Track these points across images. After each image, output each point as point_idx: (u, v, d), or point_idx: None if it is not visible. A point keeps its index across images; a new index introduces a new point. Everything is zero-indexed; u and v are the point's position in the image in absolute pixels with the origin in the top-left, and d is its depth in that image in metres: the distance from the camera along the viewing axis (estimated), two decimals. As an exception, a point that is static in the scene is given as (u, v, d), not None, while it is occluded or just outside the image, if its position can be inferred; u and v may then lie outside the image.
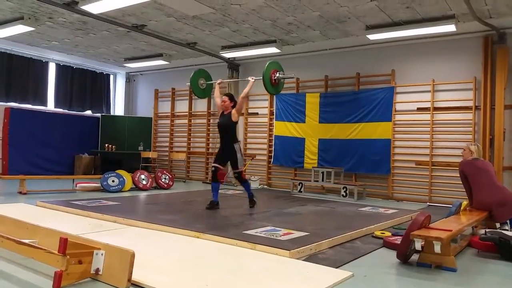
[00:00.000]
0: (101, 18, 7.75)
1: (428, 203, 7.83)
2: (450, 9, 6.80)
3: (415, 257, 3.46)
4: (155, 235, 4.06)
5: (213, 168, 5.91)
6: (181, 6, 7.07)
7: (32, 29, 8.33)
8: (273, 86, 5.90)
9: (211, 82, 6.81)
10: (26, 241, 2.93)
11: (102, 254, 2.71)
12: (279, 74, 5.94)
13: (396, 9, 6.92)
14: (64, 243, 2.56)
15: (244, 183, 6.08)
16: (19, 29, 8.27)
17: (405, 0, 6.53)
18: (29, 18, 7.95)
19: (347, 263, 3.39)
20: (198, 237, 3.98)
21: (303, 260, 3.40)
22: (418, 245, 3.22)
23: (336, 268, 3.19)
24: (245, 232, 4.15)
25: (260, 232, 4.15)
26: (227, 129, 5.97)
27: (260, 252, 3.52)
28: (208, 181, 10.35)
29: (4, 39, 9.41)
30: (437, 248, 3.15)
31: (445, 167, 7.89)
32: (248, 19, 7.68)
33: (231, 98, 6.08)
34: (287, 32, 8.42)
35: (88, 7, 7.03)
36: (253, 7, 7.09)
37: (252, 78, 6.12)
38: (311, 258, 3.46)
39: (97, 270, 2.70)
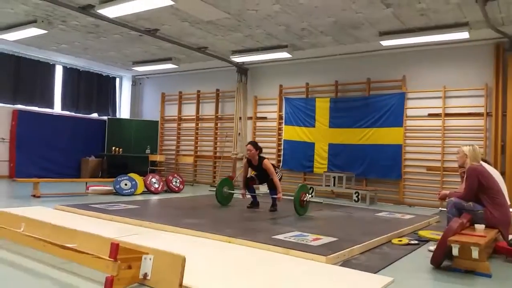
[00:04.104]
0: (115, 21, 7.76)
1: (440, 208, 7.87)
2: (464, 16, 6.89)
3: (445, 262, 3.50)
4: (186, 240, 4.07)
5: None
6: (197, 11, 7.10)
7: (45, 32, 8.32)
8: (302, 208, 6.04)
9: (234, 192, 7.00)
10: (70, 245, 2.94)
11: (150, 259, 2.72)
12: (308, 196, 6.11)
13: (411, 16, 6.99)
14: (116, 248, 2.56)
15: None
16: (32, 32, 8.26)
17: (420, 8, 6.61)
18: (42, 21, 7.95)
19: (382, 268, 3.41)
20: (230, 242, 3.99)
21: (339, 265, 3.42)
22: (455, 250, 3.26)
23: (374, 273, 3.22)
24: (274, 237, 4.17)
25: (290, 237, 4.17)
26: (266, 174, 6.36)
27: (295, 257, 3.54)
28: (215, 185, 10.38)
29: (13, 42, 9.39)
30: (475, 253, 3.18)
31: (456, 172, 7.94)
32: (262, 24, 7.73)
33: (256, 146, 6.40)
34: (300, 38, 8.47)
35: (104, 11, 7.04)
36: (268, 13, 7.13)
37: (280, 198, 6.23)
38: (346, 264, 3.48)
39: (145, 275, 2.71)
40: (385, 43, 7.99)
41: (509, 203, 4.33)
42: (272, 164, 6.49)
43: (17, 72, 10.52)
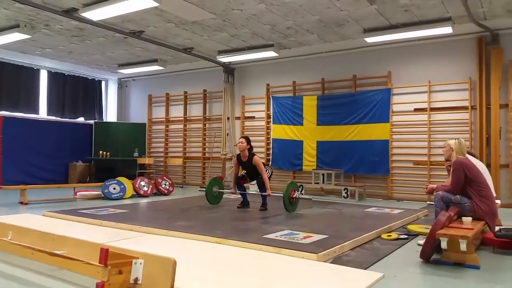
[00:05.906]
0: (99, 24, 7.70)
1: (427, 202, 7.96)
2: (447, 11, 6.97)
3: (434, 256, 3.55)
4: (177, 242, 4.06)
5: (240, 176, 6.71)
6: (182, 12, 7.07)
7: (28, 36, 8.22)
8: (291, 205, 6.15)
9: (223, 191, 7.06)
10: (58, 252, 2.91)
11: (141, 263, 2.70)
12: (297, 193, 6.26)
13: (394, 13, 7.06)
14: (106, 254, 2.55)
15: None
16: (14, 37, 8.16)
17: (404, 4, 6.67)
18: (25, 25, 7.85)
19: (373, 264, 3.45)
20: (219, 243, 3.99)
21: (330, 262, 3.45)
22: (444, 243, 3.30)
23: (365, 269, 3.24)
24: (265, 236, 4.18)
25: (280, 236, 4.19)
26: (255, 171, 6.40)
27: (287, 256, 3.55)
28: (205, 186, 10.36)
29: (-5, 47, 9.27)
30: (463, 246, 3.23)
31: (443, 166, 8.03)
32: (247, 23, 7.73)
33: (248, 140, 6.52)
34: (285, 36, 8.49)
35: (88, 14, 6.97)
36: (254, 12, 7.13)
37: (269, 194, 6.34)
38: (337, 260, 3.51)
39: (136, 279, 2.69)
40: (370, 39, 8.06)
41: (494, 195, 4.38)
42: (262, 162, 6.50)
43: (0, 78, 10.35)
